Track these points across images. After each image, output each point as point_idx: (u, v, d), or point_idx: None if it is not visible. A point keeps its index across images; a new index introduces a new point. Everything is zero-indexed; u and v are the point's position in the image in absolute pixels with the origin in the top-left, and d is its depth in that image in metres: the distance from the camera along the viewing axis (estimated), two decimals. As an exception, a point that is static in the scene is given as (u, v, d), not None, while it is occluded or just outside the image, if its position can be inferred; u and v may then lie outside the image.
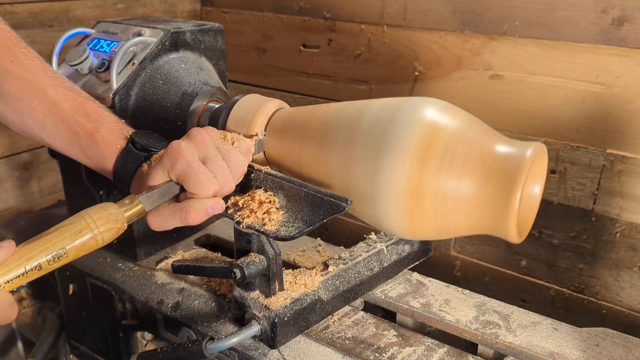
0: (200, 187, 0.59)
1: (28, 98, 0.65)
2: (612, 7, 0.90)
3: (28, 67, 0.66)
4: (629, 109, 0.92)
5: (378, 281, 0.79)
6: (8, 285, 0.49)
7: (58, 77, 0.69)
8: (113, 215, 0.55)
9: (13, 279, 0.49)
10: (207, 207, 0.59)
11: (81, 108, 0.67)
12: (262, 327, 0.66)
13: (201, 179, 0.59)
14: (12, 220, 1.06)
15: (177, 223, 0.60)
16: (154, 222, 0.61)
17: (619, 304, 1.00)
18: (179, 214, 0.59)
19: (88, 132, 0.66)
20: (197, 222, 0.60)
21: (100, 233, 0.53)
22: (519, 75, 1.01)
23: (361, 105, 0.64)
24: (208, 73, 0.84)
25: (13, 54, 0.66)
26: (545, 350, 0.68)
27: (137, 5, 1.31)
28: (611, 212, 0.97)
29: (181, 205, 0.60)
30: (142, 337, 0.87)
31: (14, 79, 0.65)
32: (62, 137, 0.67)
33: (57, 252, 0.51)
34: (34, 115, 0.66)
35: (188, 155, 0.59)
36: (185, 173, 0.59)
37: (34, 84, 0.66)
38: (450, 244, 1.18)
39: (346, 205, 0.59)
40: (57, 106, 0.66)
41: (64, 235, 0.52)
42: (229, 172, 0.61)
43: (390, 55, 1.15)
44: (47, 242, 0.51)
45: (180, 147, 0.60)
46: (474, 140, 0.57)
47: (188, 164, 0.59)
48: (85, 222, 0.53)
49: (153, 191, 0.60)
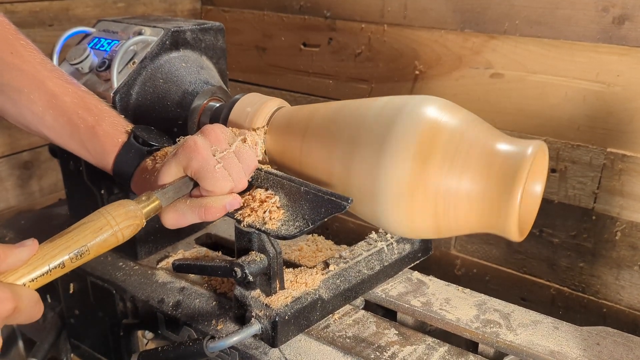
0: (216, 185, 0.59)
1: (27, 90, 0.65)
2: (613, 5, 0.90)
3: (27, 59, 0.66)
4: (630, 107, 0.92)
5: (379, 280, 0.79)
6: (33, 283, 0.49)
7: (57, 70, 0.68)
8: (132, 212, 0.55)
9: (37, 277, 0.49)
10: (225, 203, 0.60)
11: (81, 101, 0.67)
12: (262, 326, 0.66)
13: (217, 177, 0.59)
14: (13, 220, 1.06)
15: (195, 219, 0.60)
16: (170, 219, 0.61)
17: (619, 303, 1.00)
18: (197, 210, 0.59)
19: (89, 125, 0.66)
20: (215, 218, 0.60)
21: (120, 230, 0.53)
22: (519, 74, 1.01)
23: (362, 103, 0.64)
24: (208, 72, 0.84)
25: (12, 46, 0.66)
26: (546, 349, 0.68)
27: (137, 4, 1.31)
28: (612, 211, 0.97)
29: (199, 201, 0.60)
30: (143, 336, 0.87)
31: (13, 71, 0.65)
32: (61, 130, 0.66)
33: (79, 249, 0.51)
34: (33, 108, 0.65)
35: (204, 152, 0.59)
36: (202, 171, 0.59)
37: (33, 76, 0.65)
38: (450, 243, 1.18)
39: (347, 204, 0.59)
40: (57, 99, 0.65)
41: (85, 232, 0.52)
42: (241, 169, 0.62)
43: (391, 54, 1.15)
44: (69, 240, 0.51)
45: (197, 145, 0.60)
46: (475, 139, 0.57)
47: (205, 161, 0.59)
48: (105, 219, 0.53)
49: (169, 187, 0.59)
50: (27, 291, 0.48)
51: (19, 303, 0.47)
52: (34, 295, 0.49)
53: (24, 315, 0.48)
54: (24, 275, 0.48)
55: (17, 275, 0.48)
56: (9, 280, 0.48)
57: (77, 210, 0.93)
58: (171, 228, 0.61)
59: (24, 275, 0.48)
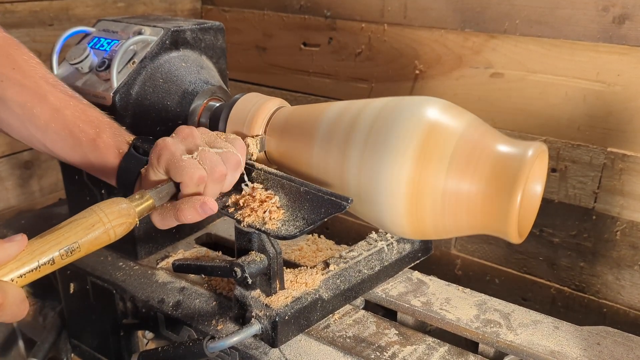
0: (184, 174, 0.58)
1: (30, 104, 0.66)
2: (613, 5, 0.90)
3: (29, 74, 0.67)
4: (630, 107, 0.92)
5: (379, 280, 0.79)
6: (21, 280, 0.47)
7: (59, 84, 0.69)
8: (125, 210, 0.54)
9: (26, 273, 0.48)
10: (197, 205, 0.58)
11: (83, 114, 0.68)
12: (262, 326, 0.66)
13: (184, 165, 0.58)
14: (13, 219, 1.06)
15: (173, 221, 0.60)
16: (157, 220, 0.61)
17: (619, 303, 1.00)
18: (172, 212, 0.59)
19: (90, 137, 0.66)
20: (191, 220, 0.59)
21: (112, 227, 0.53)
22: (519, 74, 1.01)
23: (362, 104, 0.64)
24: (208, 72, 0.84)
25: (14, 62, 0.67)
26: (546, 349, 0.68)
27: (137, 4, 1.31)
28: (612, 211, 0.97)
29: (174, 203, 0.60)
30: (143, 336, 0.87)
31: (15, 86, 0.66)
32: (64, 143, 0.67)
33: (70, 246, 0.50)
34: (36, 122, 0.66)
35: (172, 147, 0.60)
36: (169, 163, 0.59)
37: (35, 91, 0.67)
38: (451, 243, 1.18)
39: (347, 204, 0.58)
40: (58, 112, 0.66)
41: (77, 229, 0.51)
42: (218, 158, 0.60)
43: (391, 53, 1.15)
44: (60, 236, 0.50)
45: (165, 142, 0.60)
46: (475, 140, 0.57)
47: (171, 155, 0.59)
48: (97, 216, 0.52)
49: (162, 187, 0.60)
50: (13, 288, 0.47)
51: (4, 300, 0.45)
52: (20, 293, 0.47)
53: (8, 313, 0.47)
54: (12, 270, 0.47)
55: (5, 271, 0.47)
56: None
57: (77, 210, 0.92)
58: (161, 228, 0.62)
59: (12, 271, 0.47)
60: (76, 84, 0.81)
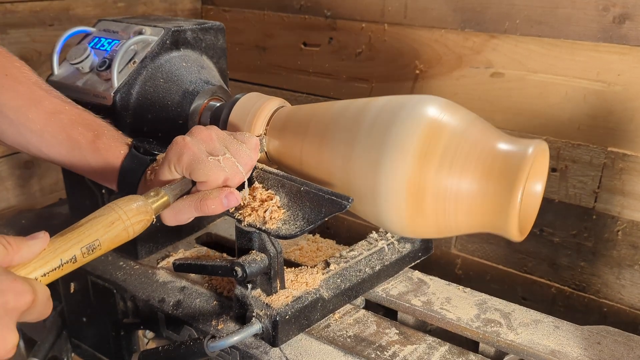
0: (210, 174, 0.58)
1: (25, 109, 0.65)
2: (613, 4, 0.90)
3: (21, 80, 0.67)
4: (630, 106, 0.92)
5: (379, 279, 0.79)
6: (44, 278, 0.47)
7: (52, 91, 0.69)
8: (142, 207, 0.54)
9: (49, 272, 0.47)
10: (222, 196, 0.58)
11: (79, 117, 0.67)
12: (263, 325, 0.66)
13: (209, 166, 0.58)
14: (14, 219, 1.06)
15: (192, 213, 0.59)
16: (168, 216, 0.60)
17: (620, 302, 1.00)
18: (194, 203, 0.58)
19: (89, 140, 0.66)
20: (213, 212, 0.59)
21: (131, 225, 0.53)
22: (519, 74, 1.01)
23: (362, 103, 0.64)
24: (209, 71, 0.84)
25: (5, 69, 0.67)
26: (547, 349, 0.68)
27: (137, 4, 1.31)
28: (612, 210, 0.97)
29: (197, 194, 0.59)
30: (144, 336, 0.87)
31: (9, 91, 0.65)
32: (60, 147, 0.67)
33: (91, 243, 0.50)
34: (31, 126, 0.66)
35: (194, 147, 0.59)
36: (192, 163, 0.58)
37: (29, 96, 0.66)
38: (451, 242, 1.18)
39: (347, 203, 0.59)
40: (54, 116, 0.66)
41: (97, 226, 0.51)
42: (235, 162, 0.61)
43: (391, 53, 1.15)
44: (81, 233, 0.50)
45: (185, 141, 0.59)
46: (476, 138, 0.57)
47: (194, 154, 0.59)
48: (116, 214, 0.52)
49: (175, 184, 0.59)
50: (41, 286, 0.46)
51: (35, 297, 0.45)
52: (47, 291, 0.47)
53: (37, 311, 0.46)
54: (36, 269, 0.47)
55: (30, 269, 0.46)
56: (21, 274, 0.46)
57: (77, 209, 0.93)
58: (170, 225, 0.61)
59: (36, 269, 0.47)
60: (77, 84, 0.81)
